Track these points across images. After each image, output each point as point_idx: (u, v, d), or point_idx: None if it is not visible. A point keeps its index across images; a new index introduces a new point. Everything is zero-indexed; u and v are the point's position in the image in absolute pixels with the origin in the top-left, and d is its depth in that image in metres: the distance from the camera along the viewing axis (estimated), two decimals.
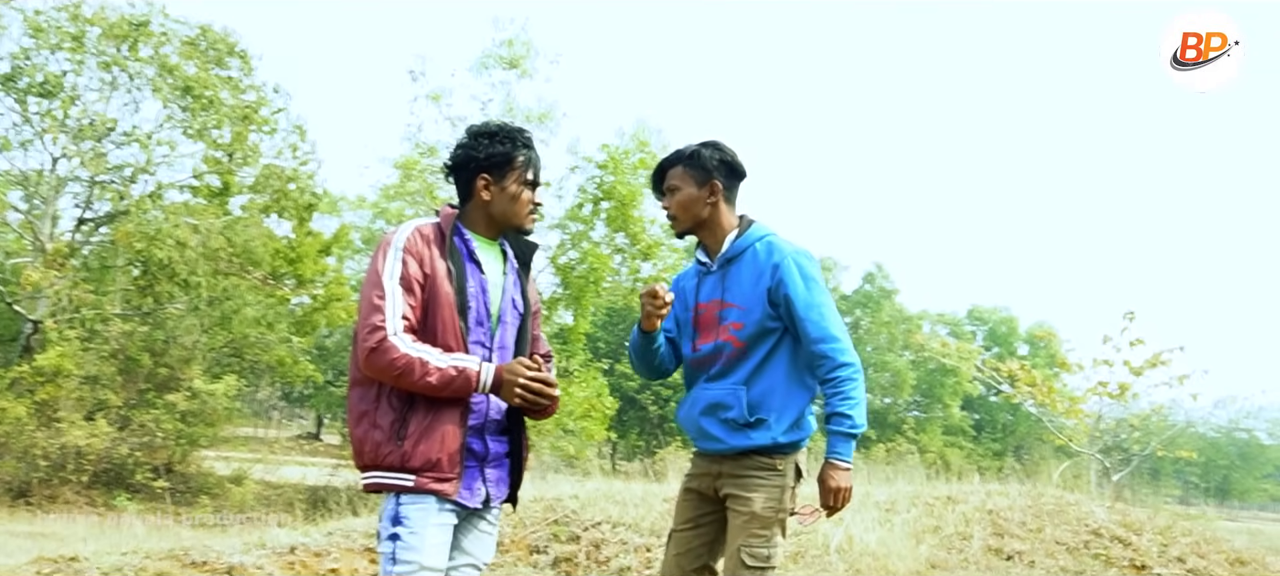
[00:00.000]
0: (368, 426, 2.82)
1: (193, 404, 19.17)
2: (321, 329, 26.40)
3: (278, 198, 20.87)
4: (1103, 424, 15.53)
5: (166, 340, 20.20)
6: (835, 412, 3.23)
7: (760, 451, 3.26)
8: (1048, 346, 49.85)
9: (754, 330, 3.29)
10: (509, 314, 3.03)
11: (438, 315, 2.82)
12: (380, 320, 2.74)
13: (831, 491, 3.22)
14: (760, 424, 3.25)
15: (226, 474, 20.79)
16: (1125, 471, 15.58)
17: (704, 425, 3.33)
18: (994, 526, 6.46)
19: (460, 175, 3.03)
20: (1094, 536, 6.42)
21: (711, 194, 3.39)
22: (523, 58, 22.05)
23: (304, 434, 45.45)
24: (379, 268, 2.82)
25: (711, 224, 3.42)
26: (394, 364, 2.70)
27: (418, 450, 2.76)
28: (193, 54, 19.67)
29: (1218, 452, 52.20)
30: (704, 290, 3.44)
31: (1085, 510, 6.91)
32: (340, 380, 37.96)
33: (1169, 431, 17.74)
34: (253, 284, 20.86)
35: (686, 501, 3.45)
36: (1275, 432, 56.07)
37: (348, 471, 21.42)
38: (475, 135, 3.02)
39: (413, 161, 22.73)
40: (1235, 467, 53.95)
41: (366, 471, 2.84)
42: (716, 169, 3.39)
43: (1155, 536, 6.46)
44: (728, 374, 3.32)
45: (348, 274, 31.83)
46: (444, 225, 2.96)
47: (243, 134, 20.21)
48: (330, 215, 32.08)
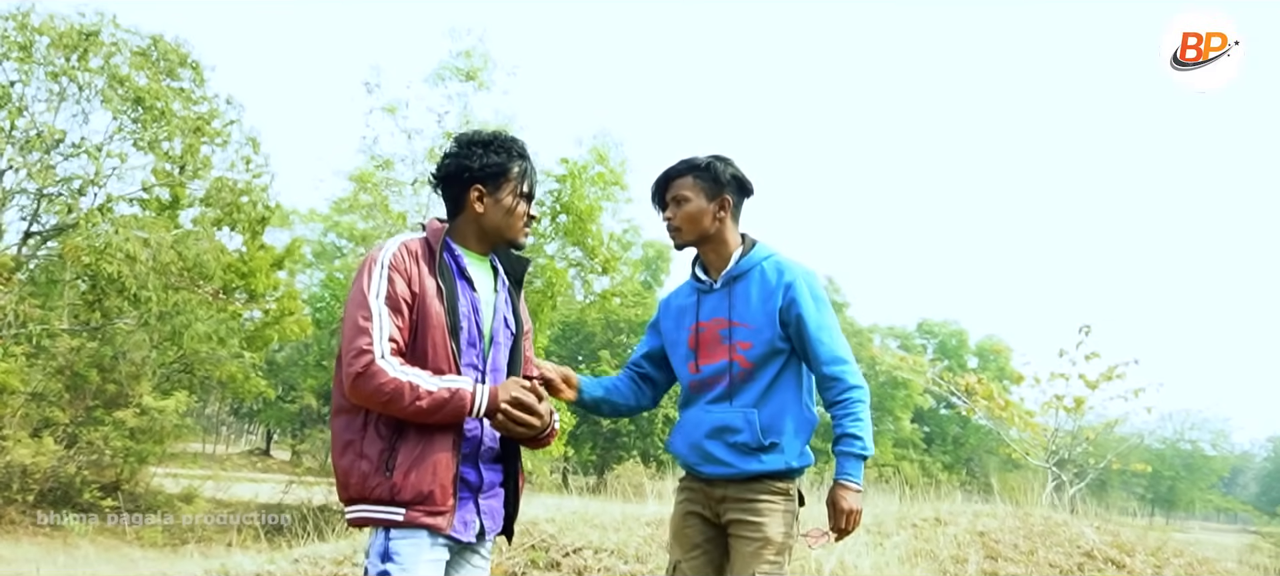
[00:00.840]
0: (354, 456, 2.63)
1: (142, 421, 18.81)
2: (273, 344, 26.06)
3: (230, 211, 20.52)
4: (1058, 437, 15.69)
5: (115, 356, 19.79)
6: (846, 433, 3.16)
7: (772, 476, 3.17)
8: (997, 359, 50.57)
9: (763, 350, 3.20)
10: (501, 334, 2.87)
11: (427, 336, 2.66)
12: (366, 343, 2.57)
13: (844, 513, 3.13)
14: (773, 448, 3.16)
15: (176, 492, 20.42)
16: (1081, 485, 15.78)
17: (710, 448, 3.20)
18: (986, 549, 6.41)
19: (451, 186, 2.86)
20: (1087, 558, 6.38)
21: (721, 208, 3.28)
22: (480, 69, 21.94)
23: (254, 449, 44.79)
24: (364, 287, 2.65)
25: (717, 240, 3.30)
26: (382, 388, 2.53)
27: (408, 481, 2.58)
28: (144, 64, 19.31)
29: (1163, 464, 53.15)
30: (706, 309, 3.31)
31: (1075, 531, 6.90)
32: (290, 395, 37.48)
33: (1123, 445, 18.00)
34: (204, 298, 20.48)
35: (688, 527, 3.31)
36: (1219, 444, 57.29)
37: (300, 488, 21.15)
38: (468, 144, 2.86)
39: (368, 174, 22.50)
40: (1181, 478, 54.91)
41: (352, 504, 2.64)
42: (728, 183, 3.29)
43: (1148, 558, 6.44)
44: (733, 396, 3.20)
45: (299, 288, 31.50)
46: (432, 240, 2.80)
47: (195, 146, 19.85)
48: (282, 228, 31.68)
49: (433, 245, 2.78)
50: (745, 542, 3.12)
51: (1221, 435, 55.85)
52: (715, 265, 3.34)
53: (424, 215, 23.26)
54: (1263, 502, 59.38)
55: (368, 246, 32.53)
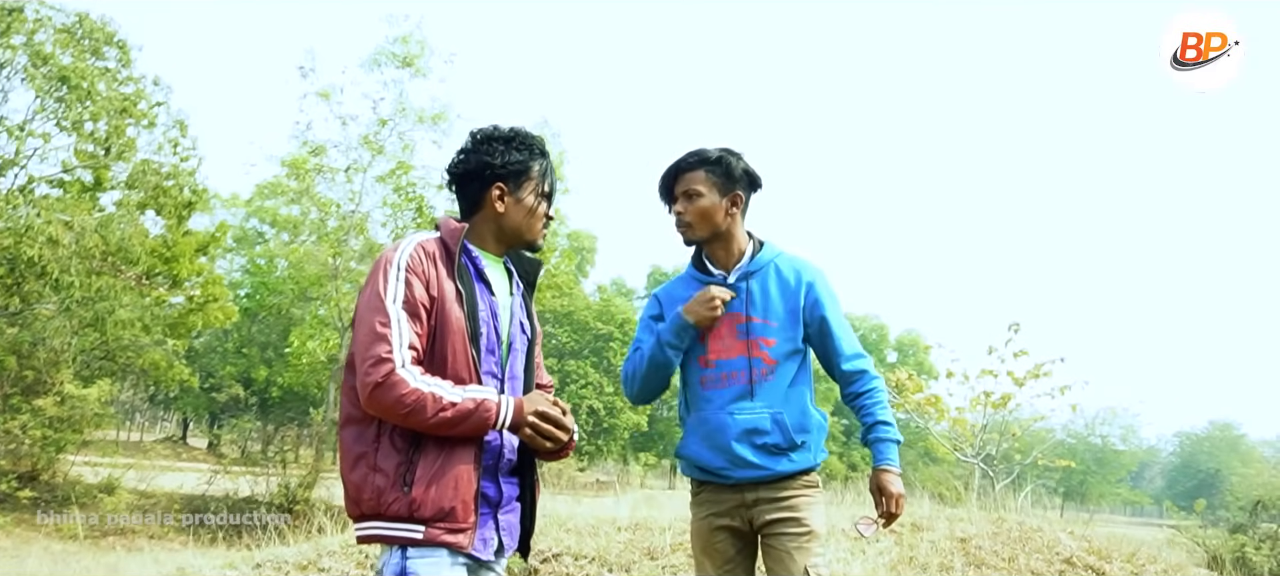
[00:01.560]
0: (366, 470, 2.47)
1: (62, 409, 18.27)
2: (196, 330, 25.46)
3: (155, 194, 20.02)
4: (985, 433, 16.05)
5: (35, 342, 19.18)
6: (880, 421, 3.19)
7: (804, 472, 3.17)
8: (916, 354, 51.56)
9: (788, 349, 3.17)
10: (518, 339, 2.75)
11: (447, 342, 2.52)
12: (386, 351, 2.41)
13: (891, 496, 3.13)
14: (802, 446, 3.15)
15: (96, 482, 19.88)
16: (1007, 480, 16.17)
17: (739, 452, 3.13)
18: (968, 557, 6.46)
19: (469, 184, 2.74)
20: (1068, 565, 6.44)
21: (733, 204, 3.22)
22: (417, 56, 21.70)
23: (169, 437, 43.73)
24: (380, 290, 2.49)
25: (727, 236, 3.24)
26: (403, 400, 2.38)
27: (429, 497, 2.44)
28: (68, 43, 18.72)
29: (1075, 458, 54.70)
30: None
31: (1051, 537, 7.03)
32: (208, 381, 36.68)
33: (1045, 442, 18.50)
34: (127, 284, 19.95)
35: (719, 540, 3.21)
36: (1128, 438, 59.18)
37: (225, 480, 20.71)
38: (488, 140, 2.74)
39: (301, 160, 22.10)
40: (1091, 472, 56.49)
41: (365, 521, 2.49)
42: (740, 178, 3.22)
43: (1124, 564, 6.59)
44: (754, 394, 3.15)
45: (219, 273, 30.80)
46: (449, 241, 2.65)
47: (120, 127, 19.32)
48: (203, 213, 30.96)
49: (450, 246, 2.64)
50: (789, 538, 3.07)
51: (1131, 430, 57.72)
52: (724, 261, 3.27)
53: (356, 203, 22.94)
54: (1168, 496, 61.55)
55: (294, 233, 31.98)
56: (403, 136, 22.20)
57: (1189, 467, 72.74)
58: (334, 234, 23.22)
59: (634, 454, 48.12)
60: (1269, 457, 60.34)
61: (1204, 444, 72.73)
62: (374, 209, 23.21)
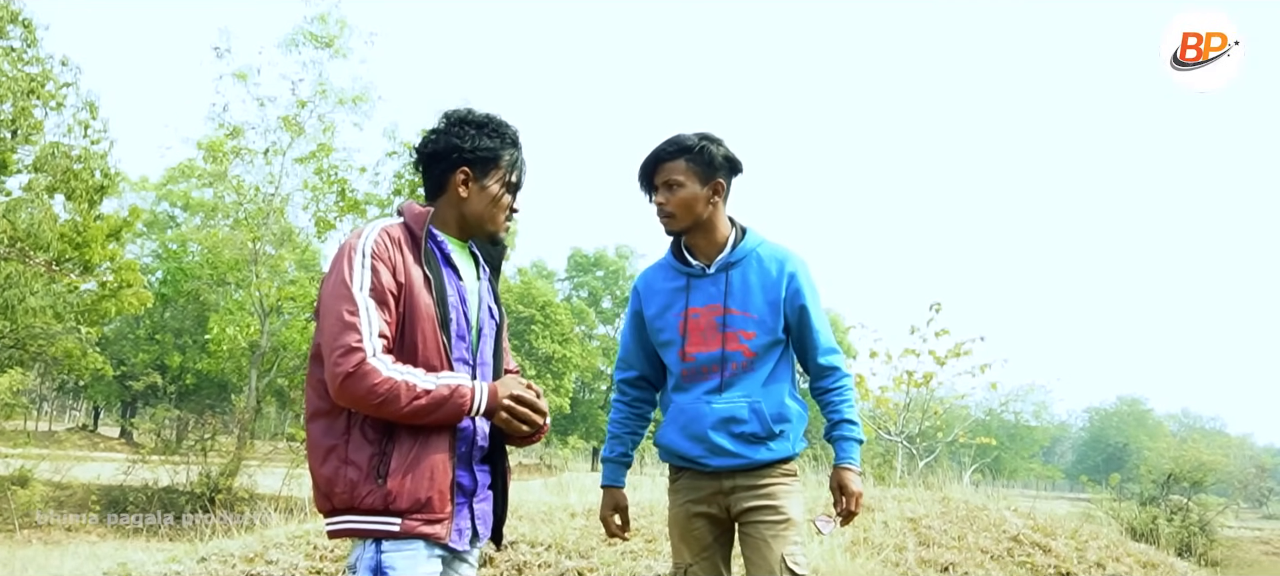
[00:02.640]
0: (337, 463, 2.42)
1: None
2: (110, 317, 24.80)
3: (65, 178, 19.40)
4: (908, 412, 16.39)
5: None
6: (844, 419, 3.22)
7: (782, 461, 3.17)
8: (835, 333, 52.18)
9: (767, 340, 3.16)
10: (487, 324, 2.71)
11: (416, 329, 2.47)
12: (356, 340, 2.35)
13: (851, 495, 3.17)
14: (780, 435, 3.15)
15: (6, 474, 19.26)
16: (930, 458, 16.54)
17: (716, 440, 3.12)
18: (919, 537, 6.55)
19: (435, 165, 2.67)
20: (1015, 543, 6.56)
21: (715, 193, 3.17)
22: (336, 36, 21.32)
23: (81, 426, 42.58)
24: (345, 277, 2.42)
25: (709, 225, 3.20)
26: (375, 390, 2.33)
27: (404, 488, 2.39)
28: None
29: (989, 434, 55.91)
30: (697, 295, 3.22)
31: (996, 515, 7.16)
32: (120, 369, 35.77)
33: (965, 420, 18.94)
34: (36, 270, 19.35)
35: (696, 528, 3.22)
36: (1041, 415, 60.73)
37: (144, 470, 20.23)
38: (459, 123, 2.67)
39: (218, 143, 21.60)
40: (1005, 448, 57.81)
41: (337, 515, 2.43)
42: (721, 166, 3.17)
43: (1068, 540, 6.75)
44: (734, 384, 3.15)
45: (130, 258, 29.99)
46: (415, 226, 2.59)
47: (26, 109, 18.68)
48: (112, 197, 30.11)
49: (415, 231, 2.59)
50: (767, 526, 3.09)
51: (1043, 406, 59.21)
52: (706, 251, 3.24)
53: (276, 186, 22.52)
54: (1078, 470, 63.37)
55: (208, 216, 31.25)
56: (323, 118, 21.83)
57: (1098, 442, 74.91)
58: (252, 217, 22.76)
59: (558, 437, 48.13)
60: (1175, 432, 62.40)
61: (1113, 419, 74.94)
62: (294, 192, 22.81)
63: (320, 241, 23.92)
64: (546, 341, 44.07)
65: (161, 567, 5.70)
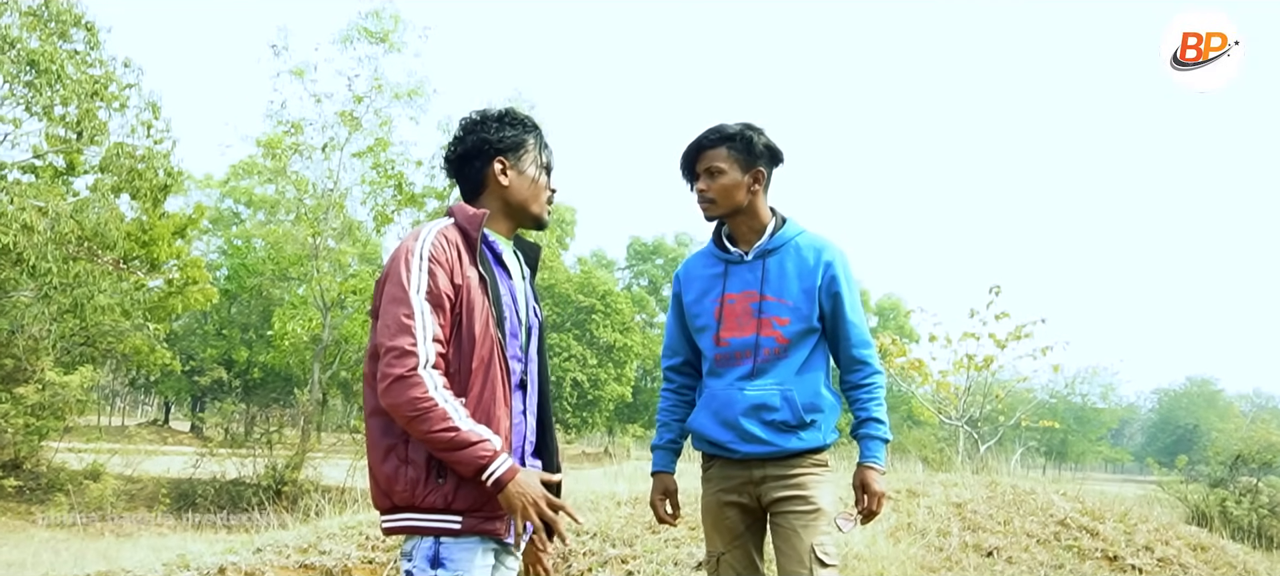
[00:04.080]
0: (397, 462, 2.45)
1: (44, 396, 18.14)
2: (177, 313, 25.27)
3: (130, 177, 19.77)
4: (969, 396, 16.14)
5: (13, 330, 19.01)
6: (871, 417, 3.21)
7: (814, 451, 3.17)
8: (897, 318, 51.80)
9: (801, 328, 3.16)
10: (533, 322, 2.77)
11: (472, 327, 2.49)
12: (410, 344, 2.38)
13: (873, 495, 3.18)
14: (812, 425, 3.15)
15: (80, 468, 19.75)
16: (992, 442, 16.25)
17: (747, 427, 3.13)
18: (964, 521, 6.49)
19: (471, 163, 2.71)
20: (1062, 526, 6.45)
21: (755, 181, 3.19)
22: (390, 31, 21.51)
23: (152, 421, 43.54)
24: (402, 280, 2.45)
25: (749, 212, 3.22)
26: (416, 403, 2.35)
27: (463, 488, 2.42)
28: (35, 25, 18.41)
29: (1055, 417, 55.01)
30: (734, 281, 3.24)
31: (1046, 499, 7.05)
32: (189, 365, 36.52)
33: (1028, 403, 18.62)
34: (104, 269, 19.76)
35: (728, 517, 3.24)
36: (1108, 397, 59.55)
37: (212, 463, 20.60)
38: (481, 120, 2.73)
39: (277, 139, 21.90)
40: (1071, 431, 56.81)
41: (397, 513, 2.47)
42: (762, 154, 3.20)
43: (1117, 524, 6.62)
44: (766, 372, 3.15)
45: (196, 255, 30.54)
46: (469, 227, 2.60)
47: (91, 111, 19.05)
48: (177, 195, 30.68)
49: (470, 233, 2.60)
50: (796, 516, 3.10)
51: (1110, 388, 58.08)
52: (746, 237, 3.26)
53: (335, 181, 22.77)
54: (1148, 453, 62.13)
55: (270, 212, 31.75)
56: (379, 112, 22.07)
57: (1168, 424, 73.40)
58: (312, 212, 23.05)
59: (620, 425, 48.28)
60: (1246, 412, 60.95)
61: (1182, 400, 73.42)
62: (352, 186, 23.06)
63: (379, 236, 24.19)
64: (607, 330, 44.21)
65: (219, 558, 5.77)
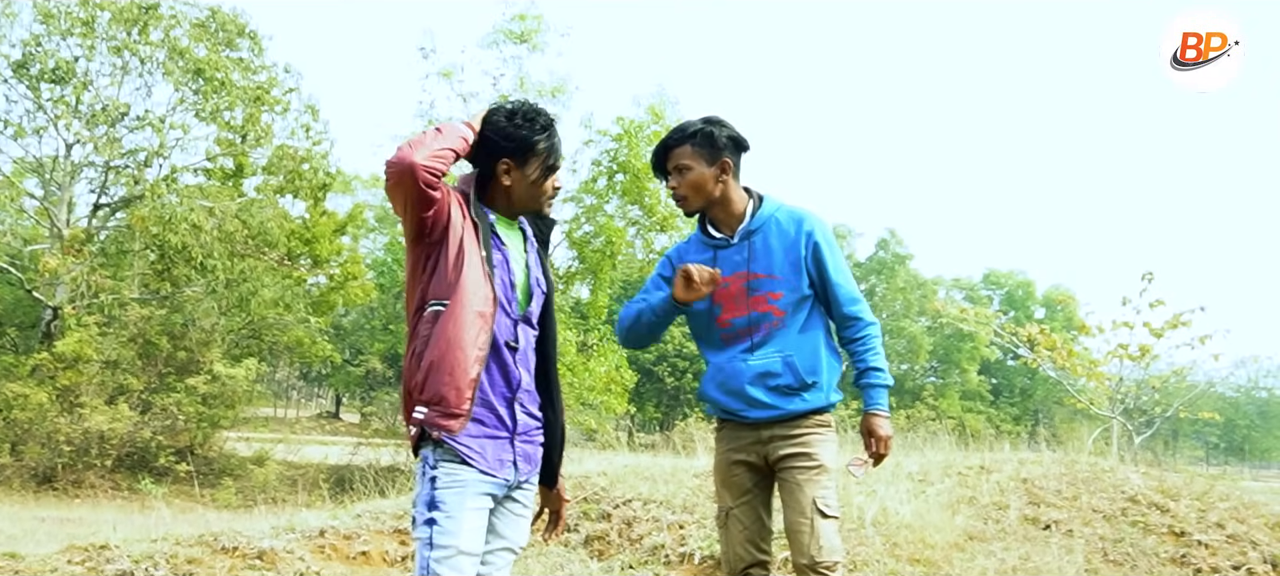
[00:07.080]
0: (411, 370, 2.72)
1: (213, 387, 19.25)
2: (339, 308, 26.45)
3: (292, 178, 20.83)
4: (1123, 386, 15.39)
5: (185, 323, 20.27)
6: (871, 367, 3.39)
7: (816, 411, 3.34)
8: (1065, 309, 49.67)
9: (794, 298, 3.34)
10: (536, 289, 2.92)
11: (464, 260, 2.67)
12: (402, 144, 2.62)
13: (879, 438, 3.35)
14: (814, 386, 3.32)
15: (248, 455, 20.88)
16: (1148, 434, 15.43)
17: (753, 393, 3.33)
18: (1029, 495, 6.37)
19: (477, 158, 2.87)
20: (1131, 503, 6.27)
21: (722, 172, 3.38)
22: (534, 32, 21.88)
23: (323, 413, 45.74)
24: None
25: (724, 201, 3.41)
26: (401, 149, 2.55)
27: (428, 383, 2.63)
28: (203, 36, 19.63)
29: (1237, 412, 51.80)
30: (724, 264, 3.40)
31: (1121, 477, 6.76)
32: (357, 359, 38.14)
33: (1190, 393, 17.58)
34: (269, 265, 20.88)
35: (737, 474, 3.43)
36: None
37: (369, 450, 21.50)
38: (494, 116, 2.86)
39: None
40: (1255, 427, 53.55)
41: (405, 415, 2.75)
42: (726, 146, 3.38)
43: (1193, 502, 6.33)
44: (768, 342, 3.35)
45: (362, 252, 31.85)
46: (464, 186, 2.82)
47: (255, 115, 20.18)
48: (343, 194, 32.08)
49: (467, 193, 2.80)
50: (799, 471, 3.28)
51: None
52: (727, 223, 3.45)
53: None
54: None
55: None
56: None
57: None
58: None
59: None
60: None
61: None
62: None
63: None
64: None
65: (322, 523, 6.07)
